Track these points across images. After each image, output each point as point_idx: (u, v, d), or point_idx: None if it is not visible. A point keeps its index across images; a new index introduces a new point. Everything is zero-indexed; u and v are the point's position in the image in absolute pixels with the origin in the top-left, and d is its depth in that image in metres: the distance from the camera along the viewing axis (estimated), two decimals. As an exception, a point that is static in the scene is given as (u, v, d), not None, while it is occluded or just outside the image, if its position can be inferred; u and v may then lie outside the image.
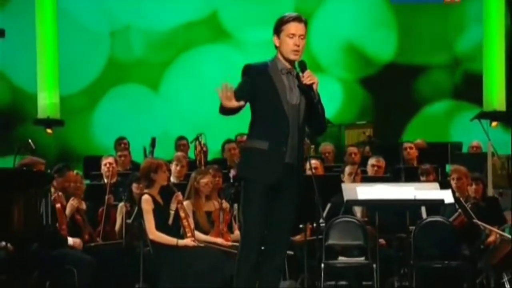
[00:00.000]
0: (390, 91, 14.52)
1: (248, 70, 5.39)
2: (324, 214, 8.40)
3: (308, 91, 5.29)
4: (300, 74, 5.32)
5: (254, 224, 5.34)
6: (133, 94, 14.65)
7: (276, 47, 5.39)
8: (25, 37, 13.84)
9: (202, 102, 13.61)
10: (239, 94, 5.21)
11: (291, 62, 5.35)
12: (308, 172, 6.92)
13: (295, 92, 5.32)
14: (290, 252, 7.85)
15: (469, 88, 14.11)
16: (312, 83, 5.26)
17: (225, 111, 5.15)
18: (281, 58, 5.38)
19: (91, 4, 14.55)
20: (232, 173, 9.37)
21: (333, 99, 13.32)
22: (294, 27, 5.32)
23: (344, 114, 14.12)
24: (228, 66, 12.22)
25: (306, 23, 5.38)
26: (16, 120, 13.87)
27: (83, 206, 8.64)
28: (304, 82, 5.27)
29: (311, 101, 5.28)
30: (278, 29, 5.37)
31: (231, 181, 9.18)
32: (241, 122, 5.71)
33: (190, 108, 14.18)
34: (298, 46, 5.30)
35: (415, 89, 14.75)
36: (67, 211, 8.16)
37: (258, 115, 5.35)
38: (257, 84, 5.32)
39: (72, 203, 8.22)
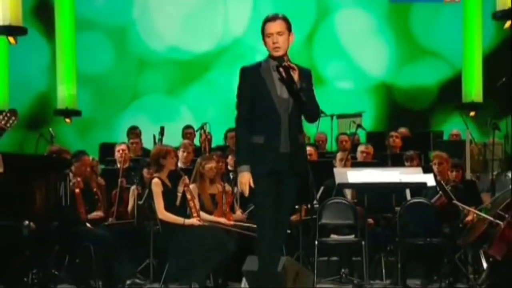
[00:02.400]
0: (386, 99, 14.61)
1: (244, 73, 5.36)
2: (318, 196, 8.44)
3: (288, 83, 5.22)
4: (280, 70, 5.24)
5: (263, 206, 5.31)
6: (156, 101, 14.74)
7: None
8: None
9: (211, 103, 13.77)
10: (245, 99, 5.28)
11: (274, 59, 5.28)
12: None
13: (285, 87, 5.27)
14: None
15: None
16: (291, 76, 5.19)
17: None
18: (271, 56, 5.33)
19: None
20: (230, 160, 9.33)
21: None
22: (269, 27, 5.27)
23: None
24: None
25: (284, 19, 5.29)
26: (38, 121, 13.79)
27: (103, 182, 8.70)
28: (284, 74, 5.20)
29: (293, 91, 5.22)
30: (261, 33, 5.33)
31: (228, 167, 9.16)
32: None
33: (200, 106, 14.24)
34: (276, 43, 5.24)
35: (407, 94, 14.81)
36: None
37: (254, 112, 5.30)
38: (252, 84, 5.29)
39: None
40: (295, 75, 5.20)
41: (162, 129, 10.16)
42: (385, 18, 14.83)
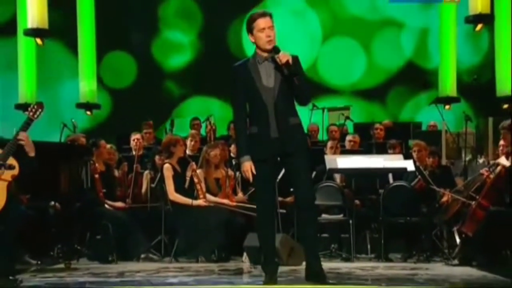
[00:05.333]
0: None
1: (234, 71, 5.28)
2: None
3: (284, 69, 5.10)
4: (276, 57, 5.13)
5: (260, 191, 5.32)
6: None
7: (253, 43, 5.24)
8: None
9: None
10: (238, 95, 5.22)
11: (268, 51, 5.18)
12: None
13: (272, 76, 5.16)
14: (282, 211, 7.89)
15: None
16: (287, 60, 5.08)
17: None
18: (258, 51, 5.22)
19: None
20: (232, 148, 9.30)
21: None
22: (262, 22, 5.15)
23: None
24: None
25: (271, 16, 5.21)
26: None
27: (125, 168, 8.72)
28: (281, 60, 5.09)
29: (289, 76, 5.10)
30: (249, 28, 5.21)
31: (231, 154, 9.16)
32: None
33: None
34: (270, 36, 5.14)
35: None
36: None
37: (249, 105, 5.25)
38: (242, 79, 5.22)
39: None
40: (290, 61, 5.08)
41: (172, 121, 10.20)
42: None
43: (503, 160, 6.90)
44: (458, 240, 7.46)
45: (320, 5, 14.61)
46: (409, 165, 8.03)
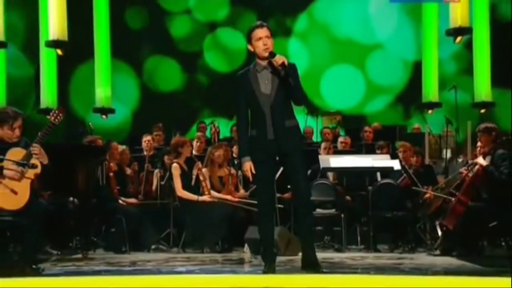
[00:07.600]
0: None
1: (236, 79, 5.27)
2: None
3: (281, 71, 5.07)
4: (273, 60, 5.09)
5: (260, 188, 5.31)
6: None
7: (252, 52, 5.22)
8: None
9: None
10: (240, 101, 5.19)
11: (265, 58, 5.15)
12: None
13: (269, 83, 5.13)
14: (280, 206, 7.89)
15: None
16: (283, 62, 5.04)
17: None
18: (257, 60, 5.20)
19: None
20: (235, 149, 9.31)
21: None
22: (259, 32, 5.13)
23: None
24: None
25: (268, 27, 5.18)
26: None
27: (136, 167, 8.73)
28: (277, 62, 5.05)
29: (285, 77, 5.07)
30: (248, 38, 5.19)
31: (233, 154, 9.17)
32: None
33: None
34: (266, 44, 5.11)
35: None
36: None
37: (250, 110, 5.23)
38: (243, 87, 5.20)
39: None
40: (285, 62, 5.05)
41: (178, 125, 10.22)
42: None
43: (480, 160, 6.91)
44: (439, 233, 7.47)
45: (320, 30, 14.48)
46: (396, 164, 8.05)
